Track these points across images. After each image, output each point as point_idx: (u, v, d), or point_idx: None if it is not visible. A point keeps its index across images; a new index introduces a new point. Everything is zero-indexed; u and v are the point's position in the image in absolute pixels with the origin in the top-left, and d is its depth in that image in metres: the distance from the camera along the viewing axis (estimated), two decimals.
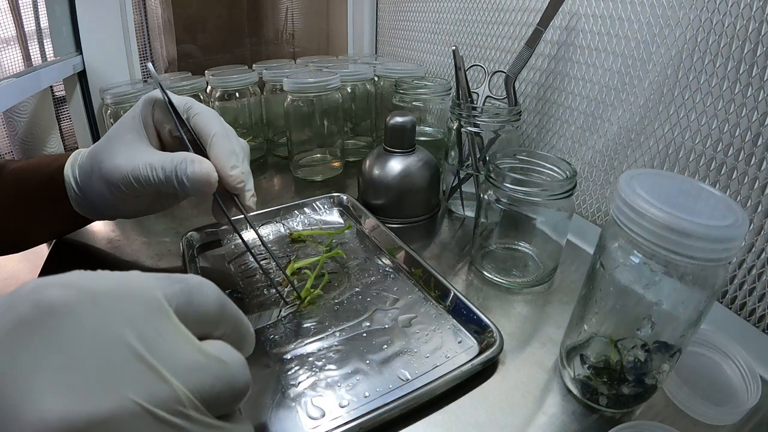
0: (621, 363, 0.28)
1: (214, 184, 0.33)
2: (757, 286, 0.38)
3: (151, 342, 0.15)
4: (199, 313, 0.17)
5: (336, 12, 1.09)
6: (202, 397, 0.16)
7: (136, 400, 0.14)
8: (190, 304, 0.17)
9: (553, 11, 0.48)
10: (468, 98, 0.51)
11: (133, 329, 0.15)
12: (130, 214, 0.41)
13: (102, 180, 0.35)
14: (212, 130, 0.34)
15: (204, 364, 0.16)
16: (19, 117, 0.66)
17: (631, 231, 0.25)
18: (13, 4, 0.64)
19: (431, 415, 0.30)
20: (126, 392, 0.14)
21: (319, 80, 0.59)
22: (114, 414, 0.13)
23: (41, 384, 0.13)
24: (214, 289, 0.18)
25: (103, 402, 0.13)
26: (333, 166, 0.66)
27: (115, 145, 0.35)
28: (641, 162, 0.46)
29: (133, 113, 0.36)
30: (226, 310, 0.18)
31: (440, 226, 0.54)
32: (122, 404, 0.14)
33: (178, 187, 0.32)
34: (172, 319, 0.16)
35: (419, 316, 0.38)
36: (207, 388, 0.16)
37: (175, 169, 0.32)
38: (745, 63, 0.36)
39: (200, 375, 0.16)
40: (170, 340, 0.16)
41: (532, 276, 0.43)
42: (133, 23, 0.75)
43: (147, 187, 0.33)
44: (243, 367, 0.18)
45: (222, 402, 0.17)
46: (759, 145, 0.36)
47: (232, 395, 0.17)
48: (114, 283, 0.16)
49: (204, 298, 0.18)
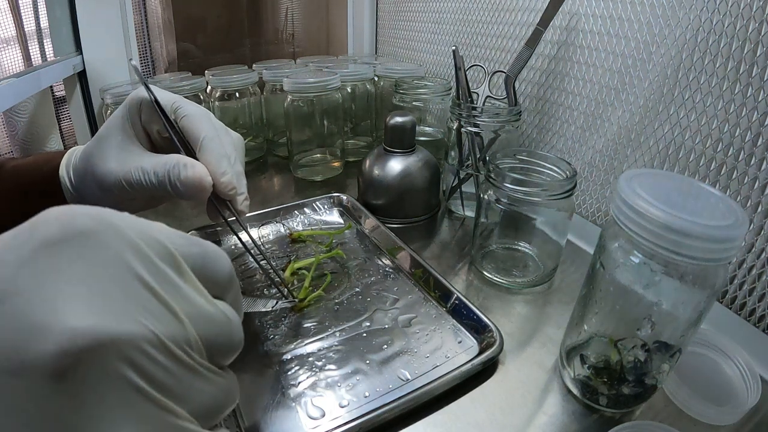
0: (621, 363, 0.28)
1: (208, 189, 0.32)
2: (757, 286, 0.38)
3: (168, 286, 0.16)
4: (212, 276, 0.19)
5: (336, 12, 1.09)
6: (207, 343, 0.17)
7: (153, 330, 0.15)
8: (205, 267, 0.18)
9: (553, 11, 0.48)
10: (468, 98, 0.51)
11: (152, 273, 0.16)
12: (128, 211, 0.40)
13: (95, 184, 0.34)
14: (201, 133, 0.34)
15: (214, 315, 0.18)
16: (19, 117, 0.66)
17: (631, 231, 0.25)
18: (13, 4, 0.64)
19: (431, 415, 0.30)
20: (146, 322, 0.15)
21: (319, 80, 0.59)
22: (135, 336, 0.14)
23: (69, 301, 0.14)
24: (228, 260, 0.20)
25: (126, 324, 0.14)
26: (333, 166, 0.66)
27: (105, 147, 0.34)
28: (641, 162, 0.46)
29: (121, 113, 0.35)
30: (234, 281, 0.20)
31: (440, 226, 0.54)
32: (141, 331, 0.14)
33: (172, 192, 0.32)
34: (186, 273, 0.17)
35: (419, 316, 0.38)
36: (212, 337, 0.17)
37: (168, 174, 0.32)
38: (745, 63, 0.36)
39: (209, 324, 0.17)
40: (185, 288, 0.17)
41: (532, 276, 0.43)
42: (133, 23, 0.75)
43: (140, 191, 0.33)
44: (240, 328, 0.19)
45: (221, 353, 0.18)
46: (759, 145, 0.36)
47: (230, 349, 0.19)
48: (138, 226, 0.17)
49: (218, 265, 0.19)
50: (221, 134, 0.35)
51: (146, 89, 0.34)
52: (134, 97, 0.35)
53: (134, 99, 0.35)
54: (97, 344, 0.13)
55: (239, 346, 0.19)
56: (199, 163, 0.33)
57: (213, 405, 0.17)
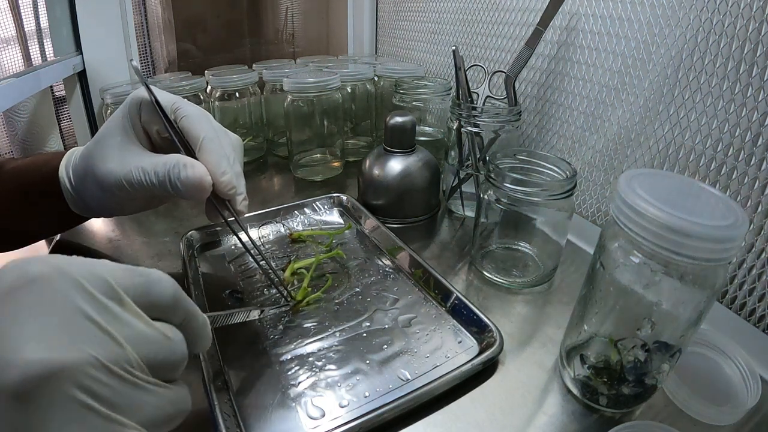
0: (621, 363, 0.28)
1: (208, 189, 0.33)
2: (757, 286, 0.38)
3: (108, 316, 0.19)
4: (156, 301, 0.21)
5: (336, 12, 1.09)
6: (148, 361, 0.20)
7: (96, 355, 0.17)
8: (149, 294, 0.21)
9: (553, 11, 0.47)
10: (468, 98, 0.51)
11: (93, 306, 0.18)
12: (127, 213, 0.41)
13: (96, 184, 0.34)
14: (201, 133, 0.34)
15: (151, 336, 0.20)
16: (19, 117, 0.66)
17: (631, 231, 0.25)
18: (13, 4, 0.64)
19: (431, 415, 0.30)
20: (89, 350, 0.17)
21: (319, 80, 0.59)
22: (80, 362, 0.17)
23: (26, 339, 0.17)
24: (171, 284, 0.22)
25: (73, 353, 0.17)
26: (333, 166, 0.66)
27: (105, 148, 0.34)
28: (641, 162, 0.46)
29: (121, 113, 0.35)
30: (179, 302, 0.22)
31: (440, 226, 0.54)
32: (86, 357, 0.17)
33: (172, 191, 0.32)
34: (126, 301, 0.20)
35: (419, 316, 0.38)
36: (152, 355, 0.20)
37: (168, 174, 0.32)
38: (745, 63, 0.36)
39: (147, 344, 0.20)
40: (125, 315, 0.19)
41: (532, 276, 0.43)
42: (133, 23, 0.75)
43: (141, 191, 0.33)
44: (182, 344, 0.22)
45: (164, 368, 0.20)
46: (759, 145, 0.36)
47: (172, 364, 0.21)
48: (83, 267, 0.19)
49: (161, 290, 0.21)
50: (220, 135, 0.35)
51: (147, 89, 0.34)
52: (134, 98, 0.35)
53: (134, 99, 0.35)
54: (49, 372, 0.16)
55: (182, 361, 0.21)
56: (199, 163, 0.33)
57: (160, 415, 0.20)
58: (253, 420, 0.29)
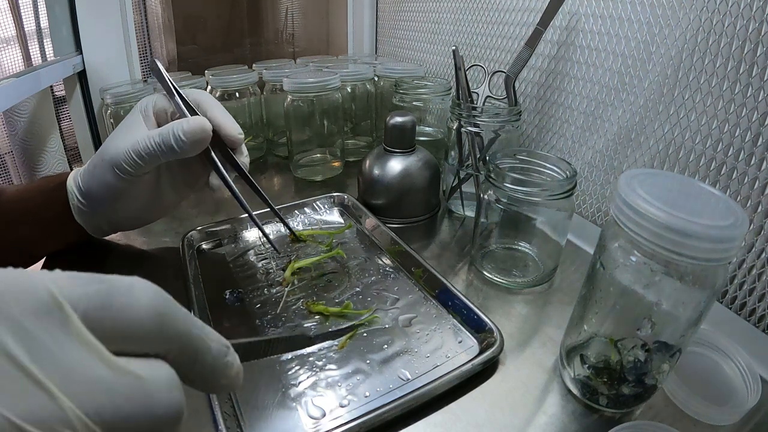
0: (621, 363, 0.28)
1: (208, 131, 0.36)
2: (757, 286, 0.38)
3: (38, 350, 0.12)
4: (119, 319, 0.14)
5: (336, 12, 1.09)
6: (104, 420, 0.12)
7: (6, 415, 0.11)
8: (107, 310, 0.13)
9: (554, 11, 0.47)
10: (468, 98, 0.51)
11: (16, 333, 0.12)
12: (131, 212, 0.41)
13: (106, 166, 0.37)
14: (208, 100, 0.40)
15: (109, 379, 0.13)
16: (19, 117, 0.66)
17: (631, 231, 0.25)
18: (13, 4, 0.64)
19: (431, 415, 0.30)
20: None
21: (319, 80, 0.59)
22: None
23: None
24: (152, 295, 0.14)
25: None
26: (333, 166, 0.66)
27: (117, 134, 0.38)
28: (641, 162, 0.46)
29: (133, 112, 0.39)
30: (166, 324, 0.14)
31: (440, 226, 0.54)
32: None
33: (176, 146, 0.35)
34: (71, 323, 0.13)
35: (419, 316, 0.38)
36: (110, 410, 0.13)
37: (171, 130, 0.35)
38: (745, 63, 0.36)
39: (102, 393, 0.13)
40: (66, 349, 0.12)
41: (532, 276, 0.43)
42: (133, 23, 0.75)
43: (147, 158, 0.36)
44: (168, 388, 0.14)
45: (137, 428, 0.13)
46: (759, 145, 0.36)
47: (151, 421, 0.13)
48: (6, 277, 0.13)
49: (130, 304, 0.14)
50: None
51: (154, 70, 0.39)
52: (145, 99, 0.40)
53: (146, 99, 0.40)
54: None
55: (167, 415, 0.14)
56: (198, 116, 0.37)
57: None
58: (253, 420, 0.29)
